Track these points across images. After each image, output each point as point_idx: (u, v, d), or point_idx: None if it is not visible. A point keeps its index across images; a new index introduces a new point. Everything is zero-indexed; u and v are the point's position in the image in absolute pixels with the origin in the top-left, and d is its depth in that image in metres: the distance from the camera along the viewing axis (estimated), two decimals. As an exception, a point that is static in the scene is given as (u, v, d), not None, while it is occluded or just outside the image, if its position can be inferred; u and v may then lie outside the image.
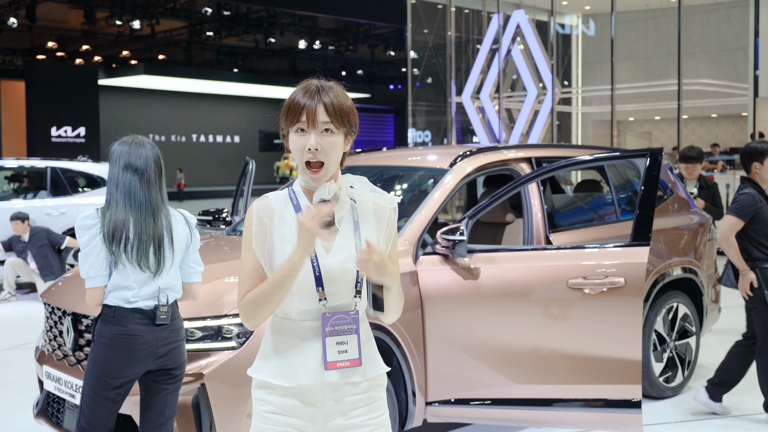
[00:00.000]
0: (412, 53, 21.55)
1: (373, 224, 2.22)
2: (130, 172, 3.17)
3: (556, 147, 5.43)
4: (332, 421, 2.19)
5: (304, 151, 2.11)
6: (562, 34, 23.46)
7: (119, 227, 3.09)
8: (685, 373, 5.41)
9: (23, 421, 4.98)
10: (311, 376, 2.15)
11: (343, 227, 2.18)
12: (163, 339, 3.17)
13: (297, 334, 2.18)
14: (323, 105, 2.11)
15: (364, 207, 2.22)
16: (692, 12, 20.41)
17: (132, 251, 3.09)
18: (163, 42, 32.88)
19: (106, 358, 3.12)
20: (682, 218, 5.73)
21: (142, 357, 3.13)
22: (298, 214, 2.09)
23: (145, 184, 3.18)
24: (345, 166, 2.29)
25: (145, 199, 3.16)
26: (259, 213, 2.19)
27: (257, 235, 2.18)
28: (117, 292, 3.12)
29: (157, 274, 3.15)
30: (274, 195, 2.23)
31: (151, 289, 3.15)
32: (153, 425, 3.24)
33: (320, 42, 33.55)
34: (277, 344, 2.20)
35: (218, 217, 5.53)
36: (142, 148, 3.22)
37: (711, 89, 19.91)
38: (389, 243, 2.24)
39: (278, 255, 2.15)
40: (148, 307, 3.15)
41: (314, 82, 2.17)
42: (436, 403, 4.08)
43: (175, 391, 3.28)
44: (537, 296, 4.07)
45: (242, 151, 36.41)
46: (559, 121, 20.28)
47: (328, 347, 2.14)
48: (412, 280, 4.02)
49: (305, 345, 2.17)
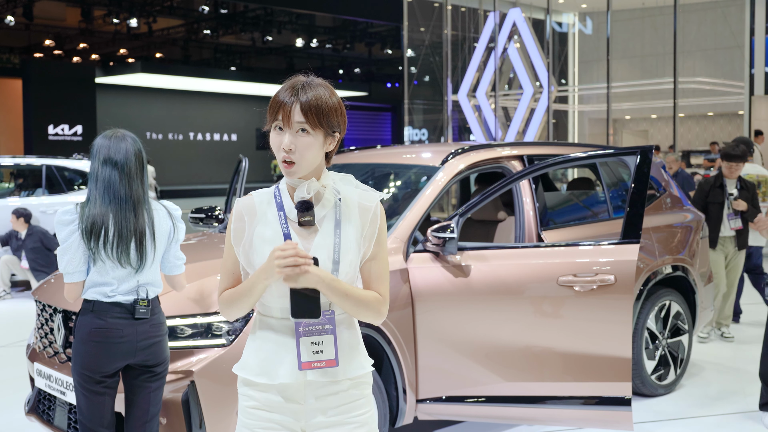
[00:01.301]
0: (409, 51, 21.54)
1: (357, 223, 2.19)
2: (110, 166, 3.14)
3: (549, 145, 5.43)
4: (313, 419, 2.19)
5: (280, 150, 2.11)
6: (558, 32, 23.47)
7: (98, 223, 3.07)
8: (677, 371, 5.41)
9: (15, 418, 4.98)
10: (291, 374, 2.15)
11: (323, 226, 2.17)
12: (143, 333, 3.15)
13: (280, 332, 2.18)
14: (299, 104, 2.07)
15: (349, 205, 2.20)
16: (688, 10, 20.43)
17: (112, 247, 3.07)
18: (160, 40, 32.84)
19: (86, 352, 3.12)
20: (675, 216, 5.74)
21: (122, 351, 3.12)
22: (275, 249, 2.05)
23: (126, 178, 3.14)
24: (339, 163, 2.29)
25: (125, 194, 3.13)
26: (241, 211, 2.19)
27: (235, 232, 2.19)
28: (96, 288, 3.12)
29: (138, 270, 3.14)
30: (258, 193, 2.23)
31: (130, 285, 3.14)
32: (138, 423, 3.24)
33: (317, 40, 33.52)
34: (260, 341, 2.21)
35: (211, 214, 5.53)
36: (123, 141, 3.19)
37: (707, 87, 19.94)
38: (372, 240, 2.21)
39: (256, 254, 2.16)
40: (127, 302, 3.14)
41: (301, 78, 2.14)
42: (427, 400, 4.08)
43: (159, 388, 3.27)
44: (528, 294, 4.07)
45: (239, 149, 36.32)
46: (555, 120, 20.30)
47: (303, 347, 2.13)
48: (402, 277, 4.02)
49: (285, 343, 2.16)
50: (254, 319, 2.26)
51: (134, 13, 27.10)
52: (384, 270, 2.24)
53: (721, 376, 5.80)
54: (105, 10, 27.85)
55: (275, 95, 2.13)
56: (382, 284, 2.23)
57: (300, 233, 2.17)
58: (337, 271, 2.13)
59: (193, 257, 4.30)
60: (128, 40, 32.07)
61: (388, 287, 2.25)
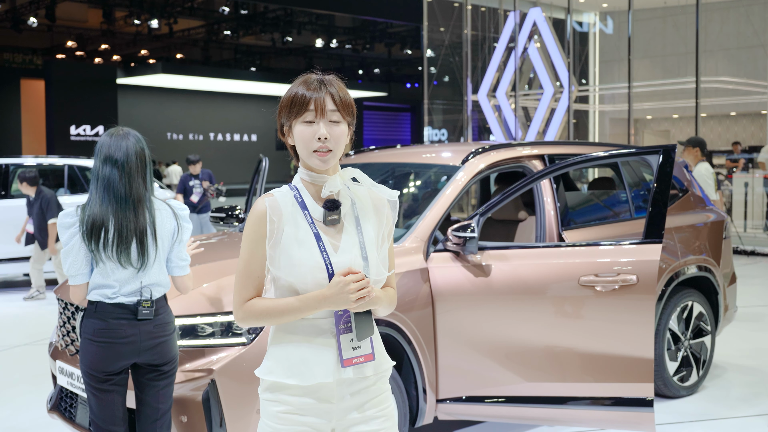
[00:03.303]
0: (429, 52, 21.51)
1: (373, 219, 2.24)
2: (110, 164, 3.12)
3: (570, 144, 5.40)
4: (348, 416, 2.20)
5: (313, 141, 2.12)
6: (579, 31, 23.35)
7: (97, 223, 3.05)
8: (699, 372, 5.36)
9: (37, 416, 5.02)
10: (329, 373, 2.15)
11: (346, 224, 2.20)
12: (147, 333, 3.15)
13: (311, 332, 2.17)
14: (330, 96, 2.15)
15: (364, 202, 2.24)
16: (711, 9, 20.25)
17: (112, 247, 3.06)
18: (181, 41, 33.02)
19: (90, 353, 3.13)
20: (698, 216, 5.68)
21: (126, 351, 3.12)
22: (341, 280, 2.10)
23: (126, 177, 3.11)
24: (359, 162, 2.32)
25: (125, 193, 3.10)
26: (269, 212, 2.17)
27: (270, 234, 2.16)
28: (98, 290, 3.12)
29: (140, 270, 3.12)
30: (280, 193, 2.22)
31: (133, 286, 3.13)
32: (148, 421, 3.25)
33: (337, 41, 33.57)
34: (288, 343, 2.19)
35: (231, 214, 5.55)
36: (124, 139, 3.16)
37: (729, 87, 19.74)
38: (388, 238, 2.26)
39: (289, 256, 2.14)
40: (130, 302, 3.13)
41: (313, 75, 2.19)
42: (447, 400, 4.07)
43: (168, 386, 3.27)
44: (548, 294, 4.05)
45: (259, 149, 36.46)
46: (576, 120, 20.20)
47: (343, 344, 2.15)
48: (423, 277, 4.01)
49: (320, 343, 2.16)
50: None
51: (155, 15, 27.26)
52: (393, 264, 2.31)
53: (744, 377, 5.74)
54: (126, 11, 28.05)
55: (295, 92, 2.17)
56: (393, 278, 2.32)
57: (327, 232, 2.18)
58: (367, 267, 2.17)
59: (214, 256, 4.32)
60: (149, 41, 32.29)
61: (395, 280, 2.34)
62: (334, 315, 2.15)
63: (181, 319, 3.59)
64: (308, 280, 2.12)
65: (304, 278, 2.13)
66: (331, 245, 2.16)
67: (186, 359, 3.52)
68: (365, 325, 2.16)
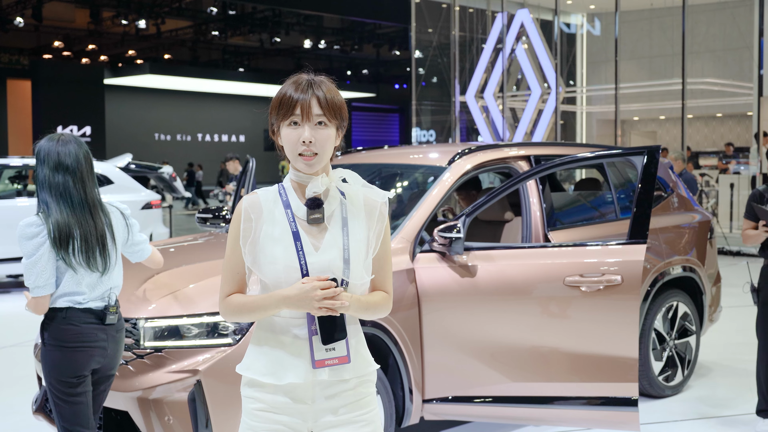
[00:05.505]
0: (417, 53, 21.54)
1: (363, 220, 2.20)
2: (62, 171, 3.11)
3: (556, 145, 5.43)
4: (322, 418, 2.18)
5: (298, 144, 2.11)
6: (566, 33, 23.44)
7: (64, 231, 3.05)
8: (684, 372, 5.40)
9: (23, 417, 4.99)
10: (301, 374, 2.14)
11: (331, 224, 2.17)
12: (113, 338, 3.21)
13: (286, 331, 2.17)
14: (317, 98, 2.11)
15: (355, 202, 2.21)
16: (697, 11, 20.36)
17: (81, 253, 3.07)
18: (168, 41, 32.93)
19: (64, 359, 3.12)
20: (683, 217, 5.72)
21: (96, 355, 3.16)
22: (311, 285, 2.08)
23: (79, 182, 3.12)
24: (347, 163, 2.30)
25: (81, 199, 3.12)
26: (248, 209, 2.18)
27: (244, 232, 2.17)
28: (68, 297, 3.11)
29: (105, 273, 3.16)
30: (264, 191, 2.22)
31: (100, 291, 3.17)
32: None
33: (325, 41, 33.56)
34: (265, 342, 2.19)
35: (218, 215, 5.54)
36: (69, 145, 3.15)
37: (716, 88, 19.88)
38: (379, 239, 2.22)
39: (264, 254, 2.14)
40: (98, 308, 3.16)
41: (304, 76, 2.16)
42: (433, 400, 4.08)
43: (107, 389, 3.35)
44: (534, 294, 4.07)
45: (247, 150, 36.41)
46: (563, 121, 20.28)
47: (315, 345, 2.13)
48: (409, 277, 4.02)
49: (294, 343, 2.16)
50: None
51: (143, 15, 27.19)
52: (389, 268, 2.27)
53: (729, 377, 5.78)
54: (114, 11, 27.96)
55: (284, 93, 2.15)
56: (387, 282, 2.26)
57: (309, 231, 2.17)
58: (348, 270, 2.14)
59: (200, 257, 4.31)
60: (137, 41, 32.19)
61: (391, 283, 2.28)
62: (307, 315, 2.14)
63: (167, 320, 3.59)
64: (282, 278, 2.12)
65: (277, 276, 2.13)
66: (312, 245, 2.15)
67: (172, 360, 3.52)
68: (331, 329, 2.11)
